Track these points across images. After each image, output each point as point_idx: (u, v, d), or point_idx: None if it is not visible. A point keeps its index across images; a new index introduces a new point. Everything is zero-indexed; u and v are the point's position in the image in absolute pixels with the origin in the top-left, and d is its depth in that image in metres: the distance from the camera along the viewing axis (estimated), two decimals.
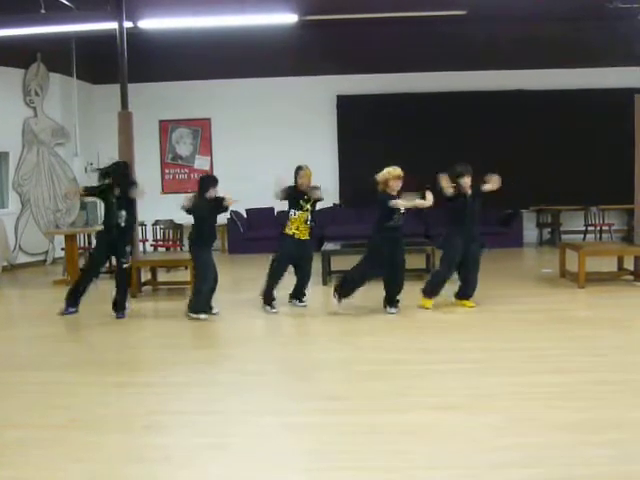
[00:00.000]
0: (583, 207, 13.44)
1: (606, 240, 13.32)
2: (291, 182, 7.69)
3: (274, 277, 7.71)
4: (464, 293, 7.71)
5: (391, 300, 7.47)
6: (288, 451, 3.87)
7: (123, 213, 7.59)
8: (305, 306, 7.89)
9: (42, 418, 4.46)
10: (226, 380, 5.26)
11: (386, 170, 7.22)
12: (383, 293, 7.51)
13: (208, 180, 7.58)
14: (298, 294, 7.98)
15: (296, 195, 7.68)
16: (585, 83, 13.34)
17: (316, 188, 7.68)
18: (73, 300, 7.75)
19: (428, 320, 7.09)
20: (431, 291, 7.59)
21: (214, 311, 7.55)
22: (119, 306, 7.69)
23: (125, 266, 7.68)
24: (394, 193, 7.19)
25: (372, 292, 7.62)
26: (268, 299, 7.74)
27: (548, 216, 13.97)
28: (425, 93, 13.60)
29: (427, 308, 7.54)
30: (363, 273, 7.37)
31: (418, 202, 7.23)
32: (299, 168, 7.77)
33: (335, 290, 7.49)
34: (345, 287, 7.44)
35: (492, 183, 7.44)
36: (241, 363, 5.75)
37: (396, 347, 6.11)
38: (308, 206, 7.70)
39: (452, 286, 7.68)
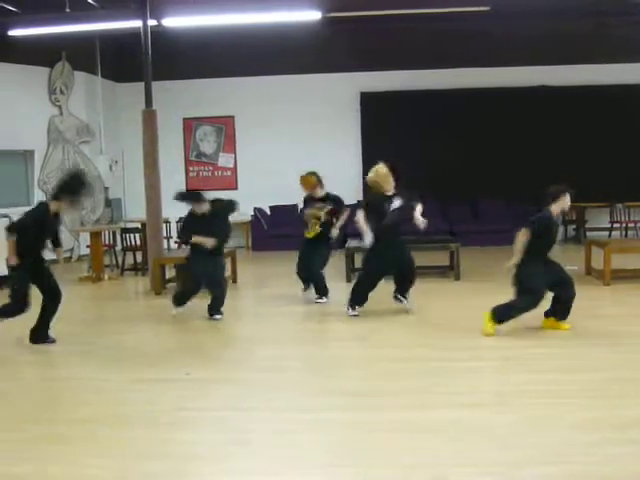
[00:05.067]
0: (608, 204, 13.29)
1: (632, 237, 13.17)
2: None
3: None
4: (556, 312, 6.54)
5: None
6: (310, 447, 3.87)
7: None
8: (320, 303, 7.91)
9: (67, 414, 4.51)
10: (248, 377, 5.27)
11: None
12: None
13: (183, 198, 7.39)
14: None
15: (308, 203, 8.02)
16: (610, 79, 13.15)
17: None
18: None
19: (451, 318, 7.03)
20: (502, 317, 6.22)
21: (176, 310, 7.37)
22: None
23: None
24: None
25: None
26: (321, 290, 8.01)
27: (573, 213, 13.82)
28: (448, 89, 13.51)
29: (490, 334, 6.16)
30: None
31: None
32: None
33: None
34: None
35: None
36: (263, 360, 5.76)
37: (420, 344, 6.07)
38: (321, 214, 7.85)
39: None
